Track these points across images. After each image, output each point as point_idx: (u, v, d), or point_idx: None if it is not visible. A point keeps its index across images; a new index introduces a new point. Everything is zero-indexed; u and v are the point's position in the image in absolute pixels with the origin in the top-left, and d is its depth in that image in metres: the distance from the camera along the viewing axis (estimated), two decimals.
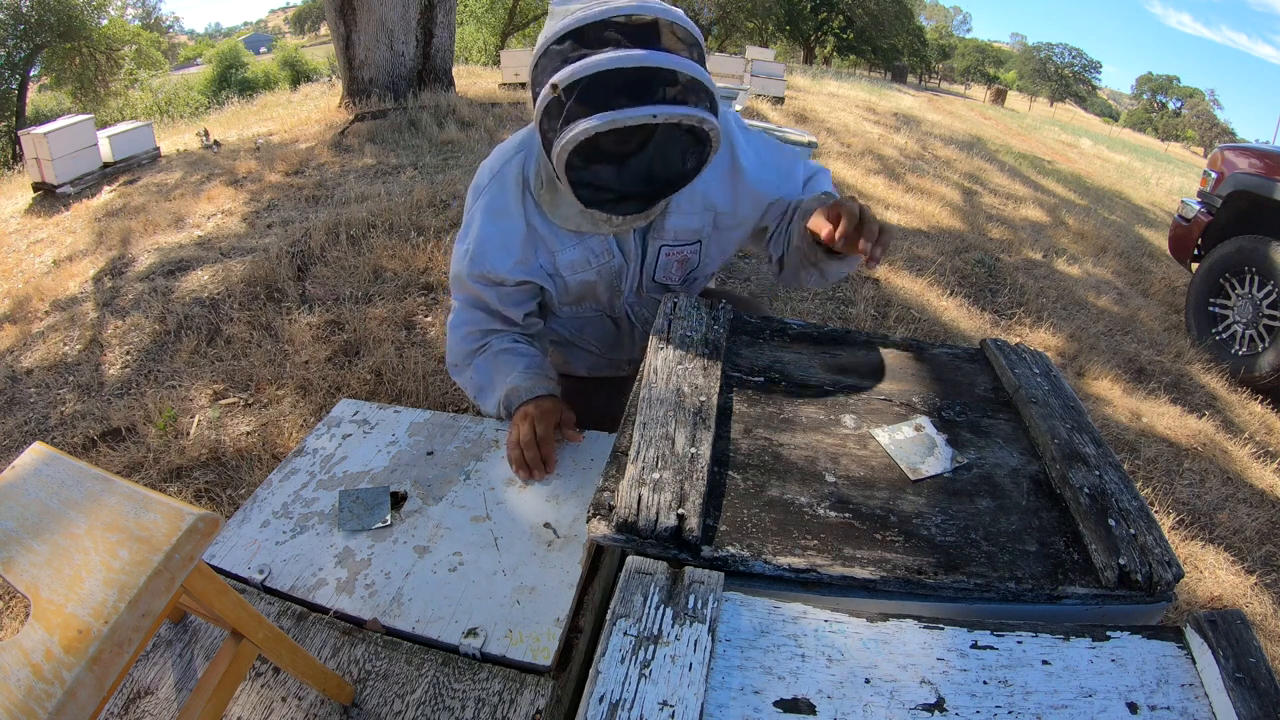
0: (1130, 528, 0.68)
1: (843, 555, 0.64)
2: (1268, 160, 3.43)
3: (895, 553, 0.65)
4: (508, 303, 1.22)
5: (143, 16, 21.36)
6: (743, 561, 0.63)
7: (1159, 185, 11.17)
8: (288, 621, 0.93)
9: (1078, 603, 0.65)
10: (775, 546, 0.64)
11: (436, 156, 4.89)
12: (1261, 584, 1.95)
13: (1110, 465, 0.76)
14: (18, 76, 15.04)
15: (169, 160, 5.52)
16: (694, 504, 0.65)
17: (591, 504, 0.67)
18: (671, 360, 0.84)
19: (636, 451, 0.71)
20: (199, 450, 1.96)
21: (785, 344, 0.96)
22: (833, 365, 0.92)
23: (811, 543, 0.65)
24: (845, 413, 0.84)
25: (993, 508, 0.72)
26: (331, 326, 2.58)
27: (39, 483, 0.72)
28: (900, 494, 0.72)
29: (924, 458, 0.76)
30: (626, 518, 0.64)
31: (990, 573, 0.64)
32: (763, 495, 0.70)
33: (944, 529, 0.68)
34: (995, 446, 0.81)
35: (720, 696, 0.52)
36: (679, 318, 0.93)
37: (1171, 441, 2.57)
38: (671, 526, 0.63)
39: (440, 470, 1.14)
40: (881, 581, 0.63)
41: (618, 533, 0.64)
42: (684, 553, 0.63)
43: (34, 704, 0.55)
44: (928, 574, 0.63)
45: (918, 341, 0.99)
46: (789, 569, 0.62)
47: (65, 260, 3.58)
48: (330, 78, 10.84)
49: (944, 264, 3.70)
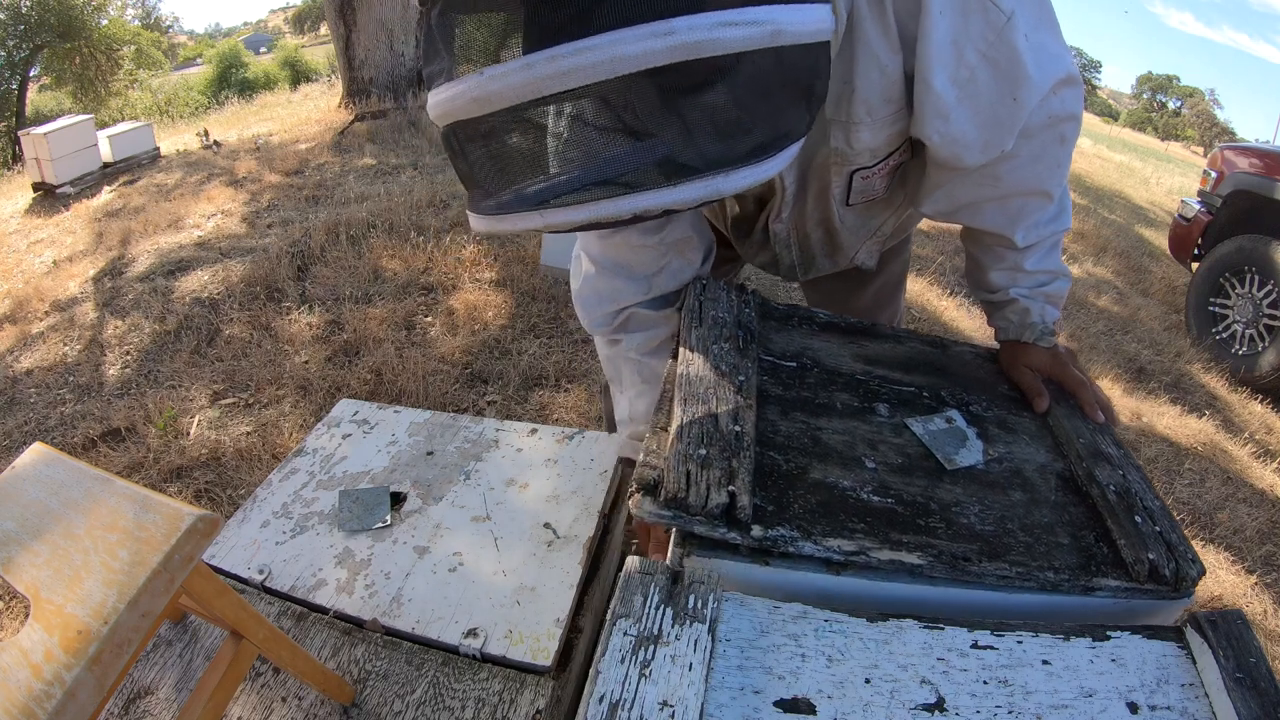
0: (1156, 525, 0.68)
1: (890, 539, 0.63)
2: (1268, 160, 3.43)
3: (939, 539, 0.64)
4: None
5: (143, 16, 21.34)
6: (792, 542, 0.61)
7: (1159, 185, 11.15)
8: (288, 621, 0.93)
9: (1108, 595, 0.65)
10: (824, 528, 0.63)
11: (436, 156, 4.89)
12: (1261, 584, 1.95)
13: (1132, 466, 0.77)
14: (18, 76, 15.03)
15: (169, 160, 5.52)
16: (744, 481, 0.62)
17: (634, 480, 0.64)
18: (707, 339, 0.81)
19: (680, 427, 0.68)
20: (199, 450, 1.96)
21: (814, 332, 0.94)
22: (861, 355, 0.91)
23: (859, 526, 0.64)
24: (878, 401, 0.82)
25: (1025, 500, 0.72)
26: (331, 326, 2.58)
27: (39, 483, 0.72)
28: (938, 483, 0.72)
29: (957, 449, 0.76)
30: (676, 493, 0.60)
31: (1030, 562, 0.64)
32: (806, 477, 0.69)
33: (982, 518, 0.68)
34: (1022, 443, 0.81)
35: (720, 696, 0.52)
36: (709, 299, 0.88)
37: (1171, 441, 2.57)
38: (723, 504, 0.60)
39: (440, 470, 1.14)
40: (928, 566, 0.62)
41: (665, 509, 0.61)
42: (733, 531, 0.61)
43: (34, 704, 0.55)
44: (972, 560, 0.63)
45: (940, 338, 0.99)
46: (838, 551, 0.61)
47: (65, 260, 3.58)
48: (330, 78, 10.83)
49: (944, 264, 3.70)
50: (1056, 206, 0.88)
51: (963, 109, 0.71)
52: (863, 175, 0.83)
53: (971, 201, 0.86)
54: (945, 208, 0.87)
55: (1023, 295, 0.92)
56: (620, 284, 0.89)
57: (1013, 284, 0.92)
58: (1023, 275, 0.92)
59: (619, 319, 0.92)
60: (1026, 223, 0.87)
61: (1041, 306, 0.92)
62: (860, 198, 0.88)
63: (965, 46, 0.67)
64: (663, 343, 0.92)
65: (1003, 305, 0.94)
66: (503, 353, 2.44)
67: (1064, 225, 0.90)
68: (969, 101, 0.71)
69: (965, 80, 0.69)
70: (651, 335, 0.92)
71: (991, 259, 0.93)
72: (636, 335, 0.92)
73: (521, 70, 0.44)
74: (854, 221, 0.95)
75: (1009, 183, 0.82)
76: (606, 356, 0.97)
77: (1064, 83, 0.75)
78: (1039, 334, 0.91)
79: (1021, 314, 0.92)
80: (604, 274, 0.90)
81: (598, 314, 0.92)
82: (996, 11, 0.66)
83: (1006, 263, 0.92)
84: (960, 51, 0.68)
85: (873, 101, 0.73)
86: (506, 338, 2.52)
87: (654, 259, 0.88)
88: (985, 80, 0.70)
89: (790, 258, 1.01)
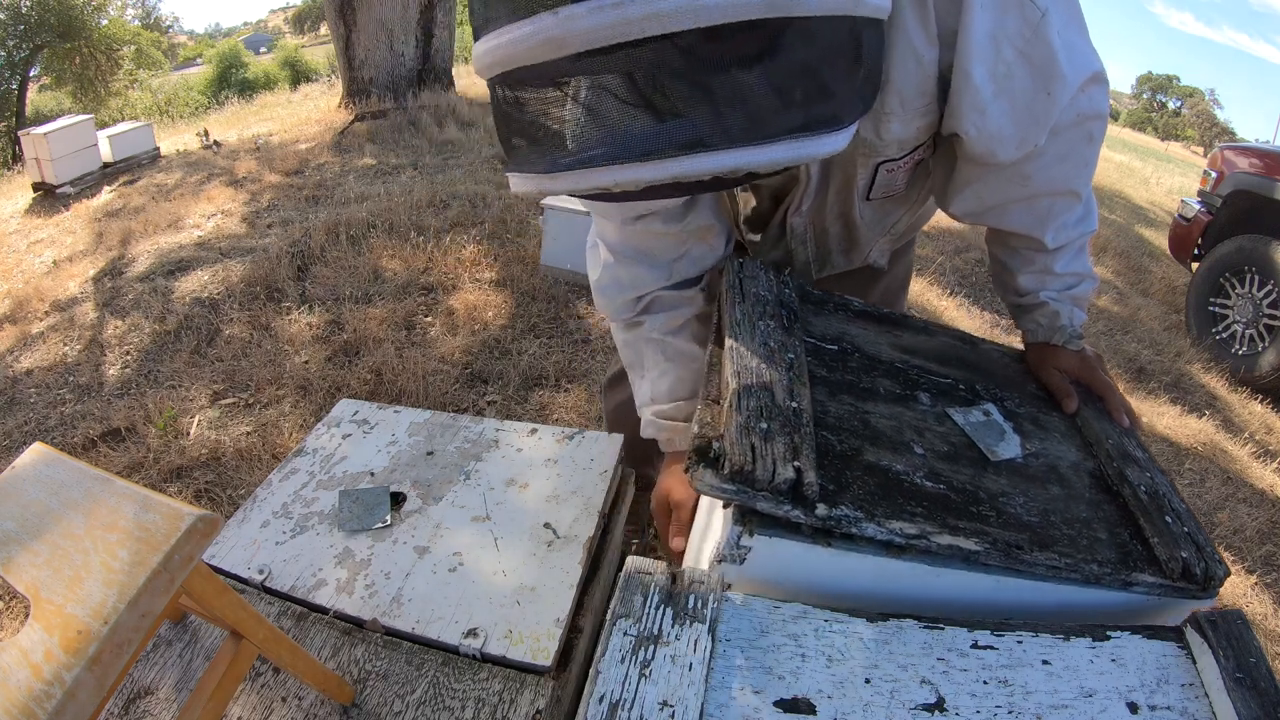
0: (1184, 526, 0.69)
1: (947, 524, 0.62)
2: (1268, 160, 3.44)
3: (991, 527, 0.64)
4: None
5: (143, 16, 21.34)
6: (856, 523, 0.59)
7: (1159, 185, 11.15)
8: (288, 621, 0.93)
9: (1144, 591, 0.66)
10: (885, 510, 0.61)
11: (436, 156, 4.89)
12: (1261, 584, 1.95)
13: (1157, 469, 0.77)
14: (18, 76, 15.03)
15: (169, 160, 5.52)
16: (808, 458, 0.60)
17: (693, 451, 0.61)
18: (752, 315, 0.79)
19: (736, 399, 0.65)
20: (199, 450, 1.96)
21: (850, 319, 0.92)
22: (898, 345, 0.90)
23: (918, 510, 0.63)
24: (919, 390, 0.82)
25: (1063, 495, 0.72)
26: (331, 326, 2.58)
27: (39, 483, 0.72)
28: (982, 472, 0.71)
29: (997, 441, 0.76)
30: (742, 466, 0.57)
31: (1075, 554, 0.64)
32: (860, 459, 0.67)
33: (1027, 509, 0.68)
34: (1054, 441, 0.81)
35: (720, 696, 0.52)
36: (748, 276, 0.86)
37: (1171, 441, 2.57)
38: (791, 479, 0.57)
39: (440, 470, 1.14)
40: (985, 553, 0.61)
41: (728, 483, 0.58)
42: (798, 508, 0.58)
43: (34, 704, 0.55)
44: (1024, 549, 0.62)
45: (969, 335, 0.99)
46: (900, 533, 0.60)
47: (65, 260, 3.58)
48: (330, 78, 10.84)
49: (944, 264, 3.70)
50: (1084, 208, 0.88)
51: (999, 103, 0.72)
52: (888, 168, 0.84)
53: (1000, 202, 0.86)
54: (974, 208, 0.88)
55: (1052, 298, 0.92)
56: (641, 271, 0.89)
57: (1042, 287, 0.93)
58: (1052, 278, 0.92)
59: (641, 304, 0.92)
60: (1055, 224, 0.87)
61: (1070, 309, 0.92)
62: (882, 192, 0.88)
63: (1003, 42, 0.68)
64: (686, 322, 0.91)
65: (1032, 309, 0.95)
66: (503, 353, 2.44)
67: (1091, 227, 0.90)
68: (1005, 96, 0.71)
69: (1002, 75, 0.70)
70: (675, 315, 0.91)
71: (1020, 262, 0.94)
72: (660, 316, 0.92)
73: (614, 8, 0.41)
74: (872, 217, 0.95)
75: (1038, 182, 0.82)
76: (625, 341, 0.96)
77: (1092, 81, 0.75)
78: (1068, 337, 0.91)
79: (1051, 317, 0.92)
80: (624, 262, 0.89)
81: (619, 301, 0.92)
82: (1033, 8, 0.67)
83: (1036, 266, 0.92)
84: (998, 46, 0.68)
85: (906, 93, 0.72)
86: (506, 338, 2.52)
87: (675, 246, 0.88)
88: (1021, 75, 0.70)
89: (805, 254, 1.00)
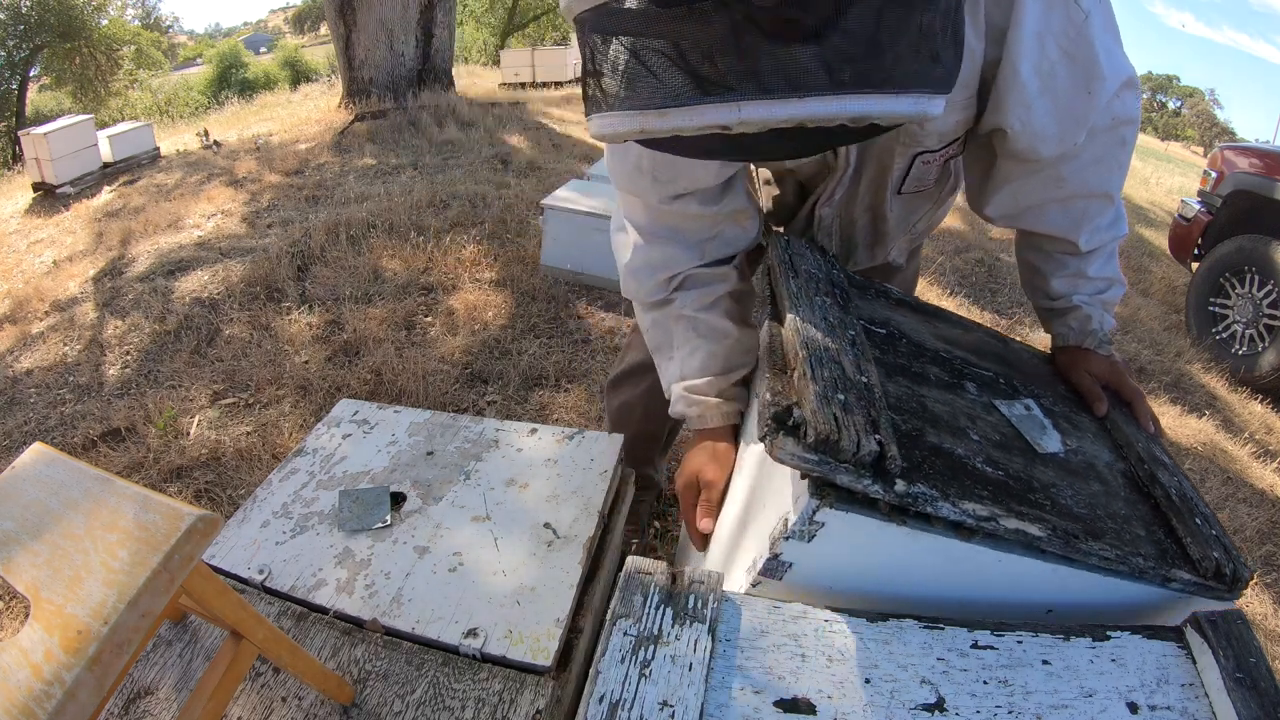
0: (1212, 529, 0.69)
1: (1013, 509, 0.61)
2: (1268, 160, 3.43)
3: (1049, 515, 0.63)
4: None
5: (143, 16, 21.33)
6: (931, 501, 0.58)
7: (1159, 185, 11.15)
8: (288, 621, 0.93)
9: (1180, 588, 0.66)
10: (957, 490, 0.60)
11: (436, 156, 4.89)
12: (1261, 584, 1.95)
13: (1183, 475, 0.78)
14: (18, 76, 15.04)
15: (169, 160, 5.52)
16: (888, 432, 0.58)
17: (770, 419, 0.58)
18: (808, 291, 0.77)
19: (810, 369, 0.62)
20: (199, 450, 1.96)
21: (892, 306, 0.91)
22: (938, 335, 0.89)
23: (985, 492, 0.62)
24: (965, 379, 0.82)
25: (1103, 491, 0.72)
26: (331, 326, 2.58)
27: (39, 483, 0.72)
28: (1032, 463, 0.71)
29: (1040, 435, 0.77)
30: (827, 435, 0.55)
31: (1123, 546, 0.64)
32: (924, 440, 0.66)
33: (1076, 501, 0.68)
34: (1087, 440, 0.81)
35: (720, 696, 0.52)
36: (796, 254, 0.85)
37: (1171, 441, 2.57)
38: (875, 452, 0.55)
39: (440, 470, 1.14)
40: (1047, 539, 0.61)
41: (811, 452, 0.56)
42: (878, 483, 0.56)
43: (34, 704, 0.55)
44: (1080, 539, 0.62)
45: (999, 333, 0.99)
46: (972, 515, 0.59)
47: (65, 260, 3.58)
48: (330, 78, 10.84)
49: (944, 264, 3.70)
50: (1115, 212, 0.89)
51: (1044, 100, 0.73)
52: (924, 160, 0.85)
53: (1036, 204, 0.87)
54: (1010, 209, 0.90)
55: (1085, 302, 0.93)
56: (674, 251, 0.89)
57: (1075, 291, 0.94)
58: (1085, 282, 0.93)
59: (674, 284, 0.92)
60: (1090, 226, 0.88)
61: (1101, 314, 0.93)
62: (914, 185, 0.89)
63: (1048, 39, 0.70)
64: (719, 298, 0.91)
65: (1064, 313, 0.95)
66: (503, 353, 2.44)
67: (1122, 231, 0.91)
68: (1049, 94, 0.73)
69: (1047, 72, 0.72)
70: (708, 291, 0.91)
71: (1054, 266, 0.95)
72: (692, 292, 0.92)
73: None
74: (899, 212, 0.96)
75: (1072, 184, 0.84)
76: (654, 321, 0.96)
77: (1126, 85, 0.77)
78: (1099, 341, 0.93)
79: (1083, 321, 0.93)
80: (656, 242, 0.90)
81: (650, 283, 0.92)
82: (1077, 9, 0.69)
83: (1069, 270, 0.94)
84: (1043, 44, 0.70)
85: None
86: (506, 338, 2.52)
87: (708, 227, 0.89)
88: (1064, 74, 0.72)
89: (830, 247, 1.01)
